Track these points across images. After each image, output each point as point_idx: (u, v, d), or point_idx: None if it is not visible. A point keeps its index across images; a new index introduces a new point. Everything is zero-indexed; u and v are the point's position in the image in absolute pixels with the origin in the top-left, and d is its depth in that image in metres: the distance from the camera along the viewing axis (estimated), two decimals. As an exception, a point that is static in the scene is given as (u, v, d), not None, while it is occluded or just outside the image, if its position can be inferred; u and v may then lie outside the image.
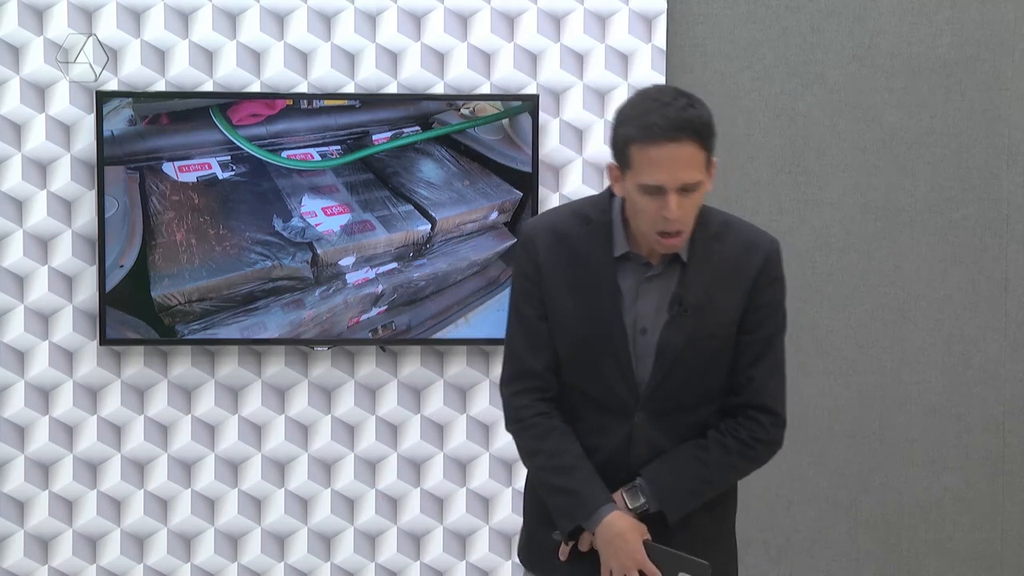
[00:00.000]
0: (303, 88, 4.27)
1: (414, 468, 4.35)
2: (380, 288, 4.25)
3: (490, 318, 4.26)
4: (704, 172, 2.65)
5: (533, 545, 2.92)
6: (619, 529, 2.73)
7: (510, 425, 2.87)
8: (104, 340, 4.20)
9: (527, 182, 4.25)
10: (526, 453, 2.85)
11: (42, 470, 4.29)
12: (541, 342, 2.81)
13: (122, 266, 4.19)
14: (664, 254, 2.75)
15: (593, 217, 2.79)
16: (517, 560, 4.35)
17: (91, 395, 4.28)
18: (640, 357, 2.76)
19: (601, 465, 2.79)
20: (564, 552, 2.81)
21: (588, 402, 2.81)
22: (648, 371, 2.76)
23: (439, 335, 4.27)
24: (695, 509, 2.80)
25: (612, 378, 2.77)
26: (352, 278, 4.24)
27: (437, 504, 4.35)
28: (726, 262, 2.76)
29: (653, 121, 2.60)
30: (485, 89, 4.29)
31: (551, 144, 4.30)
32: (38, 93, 4.23)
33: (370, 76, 4.28)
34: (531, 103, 4.24)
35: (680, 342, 2.74)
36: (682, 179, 2.62)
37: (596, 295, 2.76)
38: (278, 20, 4.27)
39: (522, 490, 4.31)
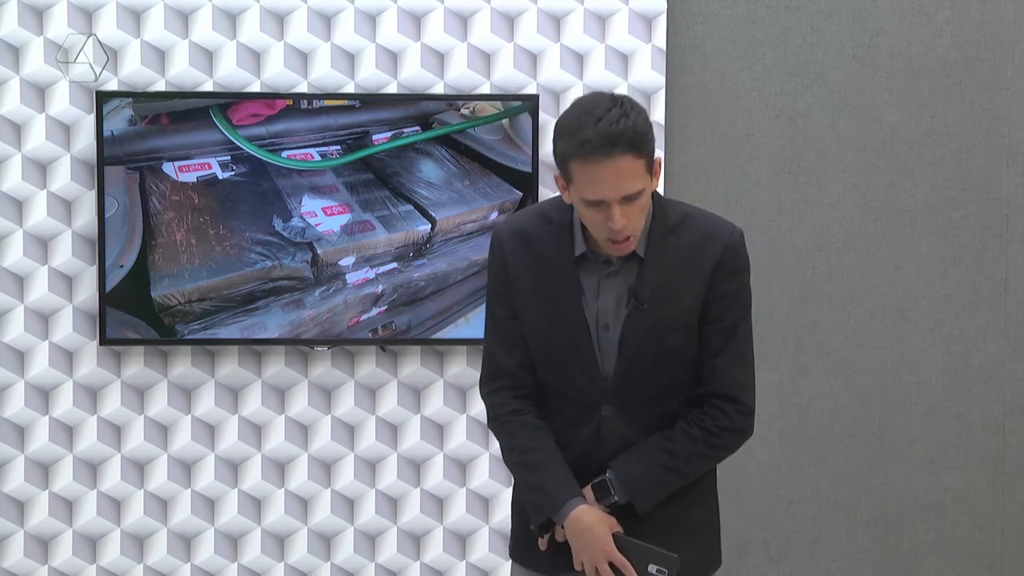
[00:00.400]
0: (303, 88, 4.27)
1: (414, 468, 4.35)
2: (380, 288, 4.25)
3: (490, 318, 4.26)
4: (645, 177, 2.68)
5: (518, 539, 2.97)
6: (587, 523, 2.78)
7: (490, 423, 2.94)
8: (104, 340, 4.20)
9: (527, 182, 4.25)
10: (503, 450, 2.92)
11: (42, 470, 4.29)
12: (513, 341, 2.87)
13: (122, 266, 4.19)
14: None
15: (554, 217, 2.85)
16: (517, 560, 4.35)
17: (91, 395, 4.28)
18: (604, 352, 2.80)
19: (573, 459, 2.84)
20: (543, 543, 2.87)
21: (558, 398, 2.86)
22: (612, 366, 2.80)
23: (439, 335, 4.27)
24: (667, 498, 2.84)
25: (578, 374, 2.82)
26: (352, 278, 4.24)
27: (437, 504, 4.35)
28: (683, 254, 2.79)
29: (587, 137, 2.64)
30: (485, 89, 4.29)
31: (551, 144, 4.29)
32: (38, 93, 4.23)
33: (370, 76, 4.28)
34: (531, 103, 4.24)
35: (639, 336, 2.78)
36: (622, 191, 2.66)
37: (558, 294, 2.81)
38: (278, 20, 4.27)
39: (522, 490, 4.31)
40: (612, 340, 2.80)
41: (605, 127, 2.63)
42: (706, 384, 2.83)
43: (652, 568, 2.77)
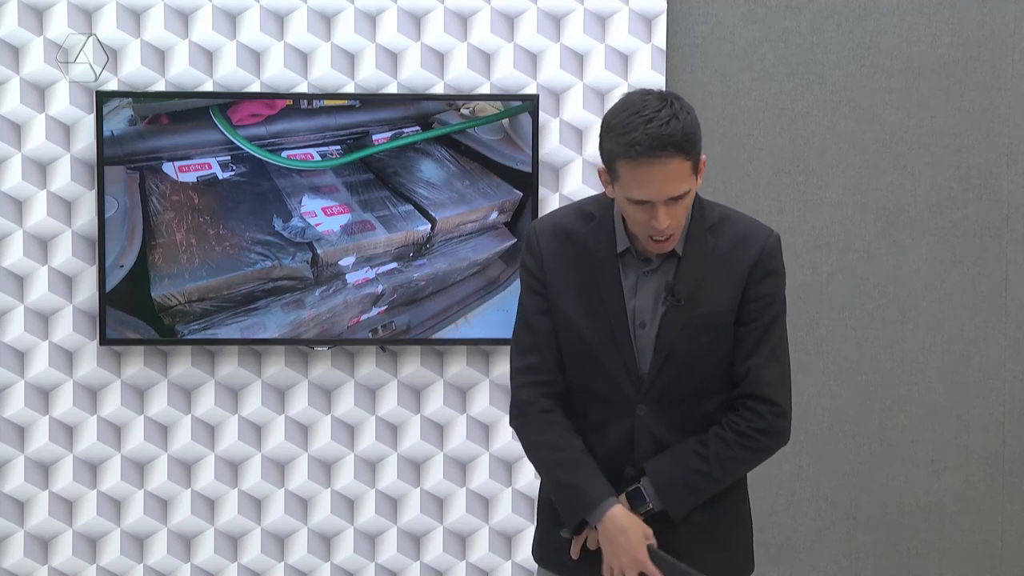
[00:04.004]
0: (303, 88, 4.27)
1: (414, 468, 4.35)
2: (380, 288, 4.25)
3: (490, 318, 4.26)
4: (691, 179, 2.69)
5: (546, 542, 2.93)
6: (621, 524, 2.75)
7: (513, 420, 2.89)
8: (104, 340, 4.20)
9: (527, 182, 4.25)
10: (529, 447, 2.87)
11: (42, 470, 4.29)
12: (545, 337, 2.84)
13: (122, 266, 4.19)
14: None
15: (596, 214, 2.84)
16: (516, 561, 4.36)
17: (91, 395, 4.28)
18: (641, 350, 2.79)
19: (604, 460, 2.81)
20: (575, 550, 2.83)
21: (591, 397, 2.84)
22: (648, 363, 2.79)
23: (439, 335, 4.27)
24: (700, 505, 2.82)
25: (616, 371, 2.79)
26: (352, 278, 4.24)
27: (437, 504, 4.35)
28: (720, 254, 2.79)
29: (636, 139, 2.62)
30: (485, 89, 4.29)
31: (551, 144, 4.30)
32: (38, 93, 4.23)
33: (370, 76, 4.28)
34: (531, 103, 4.23)
35: (675, 332, 2.76)
36: (668, 193, 2.66)
37: (600, 289, 2.80)
38: (278, 20, 4.27)
39: (522, 490, 4.32)
40: (649, 337, 2.78)
41: (655, 129, 2.62)
42: (740, 386, 2.82)
43: None
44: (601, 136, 2.71)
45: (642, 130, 2.62)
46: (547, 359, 2.84)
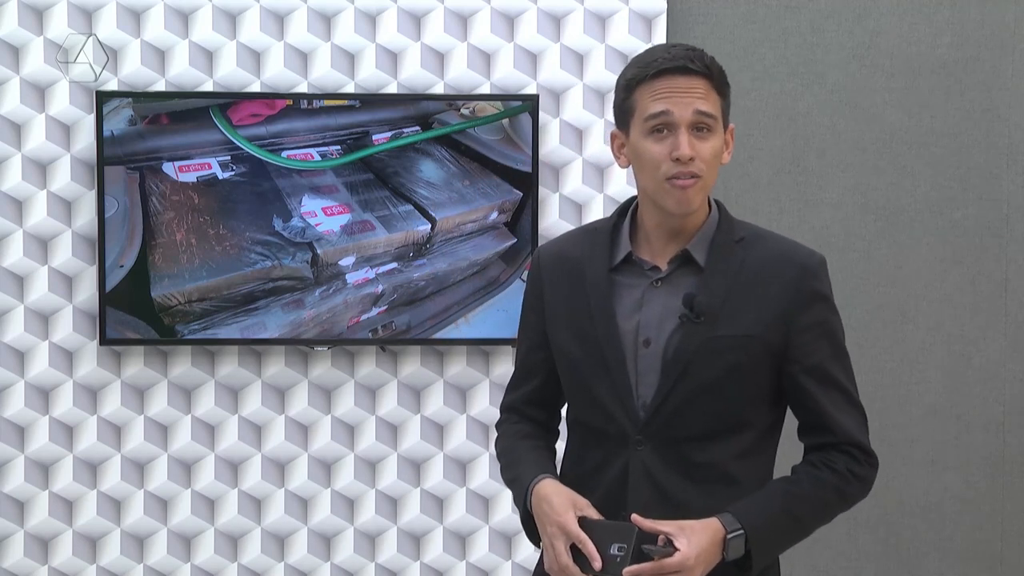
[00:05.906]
0: (303, 88, 4.27)
1: (414, 468, 4.35)
2: (380, 288, 4.25)
3: (490, 318, 4.26)
4: (719, 114, 2.39)
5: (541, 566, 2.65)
6: (544, 493, 2.44)
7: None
8: (104, 340, 4.20)
9: (527, 182, 4.25)
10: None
11: (42, 470, 4.29)
12: (528, 373, 2.66)
13: (122, 266, 4.19)
14: (673, 258, 2.47)
15: (598, 227, 2.56)
16: (517, 560, 4.36)
17: (91, 395, 4.28)
18: (643, 373, 2.45)
19: (598, 504, 2.45)
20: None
21: (590, 435, 2.53)
22: (652, 389, 2.44)
23: (439, 335, 4.27)
24: (681, 507, 2.45)
25: (608, 400, 2.47)
26: (352, 278, 4.24)
27: (437, 504, 4.35)
28: (752, 269, 2.46)
29: (658, 56, 2.39)
30: (485, 89, 4.29)
31: (551, 144, 4.30)
32: (38, 93, 4.23)
33: (370, 76, 4.28)
34: (531, 103, 4.23)
35: (689, 351, 2.41)
36: (694, 106, 2.36)
37: (588, 306, 2.49)
38: (278, 20, 4.27)
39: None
40: (654, 357, 2.43)
41: (680, 50, 2.39)
42: (819, 435, 2.51)
43: (614, 548, 2.37)
44: (617, 88, 2.44)
45: (665, 52, 2.39)
46: (524, 397, 2.65)
